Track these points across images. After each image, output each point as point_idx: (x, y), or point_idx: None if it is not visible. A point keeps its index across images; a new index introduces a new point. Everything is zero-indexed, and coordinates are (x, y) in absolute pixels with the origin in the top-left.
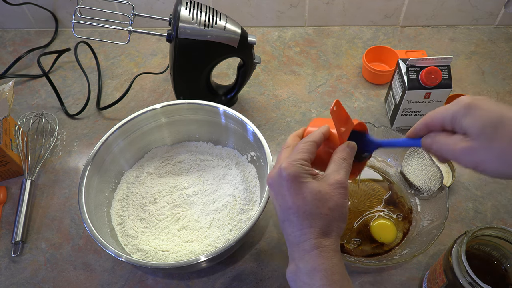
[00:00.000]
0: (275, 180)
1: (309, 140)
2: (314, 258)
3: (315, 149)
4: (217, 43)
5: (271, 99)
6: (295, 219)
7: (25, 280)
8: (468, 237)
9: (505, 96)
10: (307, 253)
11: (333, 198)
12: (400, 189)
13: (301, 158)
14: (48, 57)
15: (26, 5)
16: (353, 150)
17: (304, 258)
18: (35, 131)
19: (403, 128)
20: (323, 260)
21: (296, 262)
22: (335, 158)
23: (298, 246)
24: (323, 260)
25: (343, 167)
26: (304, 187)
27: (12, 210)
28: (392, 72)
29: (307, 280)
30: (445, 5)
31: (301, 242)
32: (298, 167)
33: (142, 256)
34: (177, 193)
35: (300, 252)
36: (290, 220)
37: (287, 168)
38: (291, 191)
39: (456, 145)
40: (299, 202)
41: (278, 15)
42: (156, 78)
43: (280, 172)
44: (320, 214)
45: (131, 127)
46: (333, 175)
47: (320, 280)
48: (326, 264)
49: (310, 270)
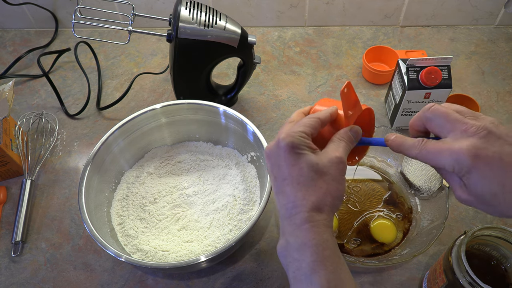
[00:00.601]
0: (272, 151)
1: (314, 116)
2: (305, 232)
3: (319, 126)
4: (217, 43)
5: (271, 99)
6: (288, 191)
7: (25, 280)
8: (468, 237)
9: (505, 96)
10: (298, 227)
11: (330, 172)
12: (400, 189)
13: (302, 130)
14: (48, 57)
15: (26, 5)
16: (356, 134)
17: (295, 232)
18: (35, 131)
19: (403, 128)
20: (314, 235)
21: (286, 236)
22: (335, 139)
23: (289, 219)
24: (314, 235)
25: (342, 146)
26: (302, 158)
27: (12, 210)
28: (392, 72)
29: (297, 256)
30: (445, 5)
31: (293, 215)
32: (297, 138)
33: (142, 256)
34: (177, 193)
35: (291, 226)
36: (283, 192)
37: (285, 138)
38: (288, 161)
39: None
40: (294, 173)
41: (278, 15)
42: (156, 78)
43: (278, 142)
44: (315, 186)
45: (131, 127)
46: (332, 151)
47: (311, 256)
48: (317, 239)
49: (300, 245)
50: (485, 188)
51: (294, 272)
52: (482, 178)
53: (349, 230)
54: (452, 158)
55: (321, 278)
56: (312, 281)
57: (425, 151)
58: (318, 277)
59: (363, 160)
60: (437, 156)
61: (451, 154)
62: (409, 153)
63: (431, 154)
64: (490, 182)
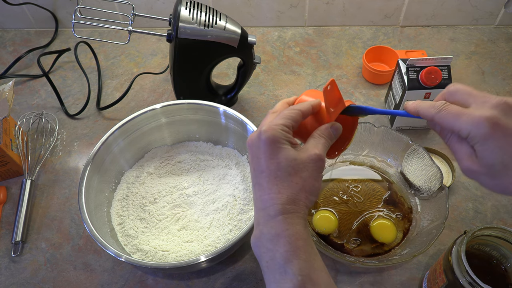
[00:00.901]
0: (254, 142)
1: (296, 108)
2: (278, 224)
3: (300, 118)
4: (217, 43)
5: (271, 99)
6: (265, 183)
7: (25, 280)
8: (468, 237)
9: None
10: (272, 218)
11: (307, 169)
12: (399, 189)
13: (283, 123)
14: (48, 57)
15: (26, 5)
16: (336, 131)
17: (269, 223)
18: (35, 131)
19: (403, 128)
20: (287, 226)
21: (260, 227)
22: (315, 135)
23: (264, 210)
24: (287, 226)
25: (321, 143)
26: (281, 152)
27: (12, 210)
28: (392, 72)
29: (270, 246)
30: (445, 5)
31: (267, 207)
32: (278, 132)
33: (142, 256)
34: (177, 193)
35: (265, 217)
36: (260, 184)
37: (266, 131)
38: (267, 154)
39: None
40: (272, 167)
41: (278, 15)
42: (156, 78)
43: (259, 134)
44: (291, 182)
45: (131, 127)
46: (312, 148)
47: (284, 246)
48: (290, 230)
49: (273, 236)
50: (498, 157)
51: (267, 261)
52: (496, 147)
53: (349, 230)
54: (471, 123)
55: (294, 267)
56: (286, 270)
57: (445, 111)
58: (292, 266)
59: (364, 160)
60: (456, 118)
61: (471, 119)
62: (426, 113)
63: (450, 115)
64: (503, 153)
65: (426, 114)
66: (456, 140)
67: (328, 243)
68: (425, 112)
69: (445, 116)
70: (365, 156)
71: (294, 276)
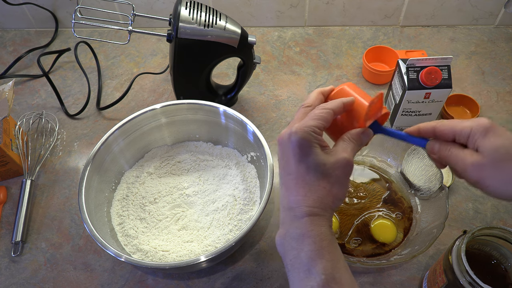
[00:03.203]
0: (284, 142)
1: (327, 108)
2: (304, 224)
3: (331, 118)
4: (217, 43)
5: (271, 99)
6: (292, 186)
7: (25, 280)
8: (468, 237)
9: (505, 96)
10: (298, 219)
11: (335, 173)
12: (399, 188)
13: (314, 125)
14: (48, 57)
15: (26, 5)
16: (367, 138)
17: (294, 223)
18: (35, 131)
19: (403, 128)
20: (312, 227)
21: (286, 227)
22: (346, 138)
23: (290, 211)
24: (312, 227)
25: (351, 147)
26: (310, 156)
27: (12, 210)
28: (392, 72)
29: (295, 245)
30: (445, 5)
31: (294, 208)
32: (309, 134)
33: (142, 256)
34: (177, 193)
35: (291, 218)
36: (287, 185)
37: (297, 133)
38: (296, 157)
39: (467, 158)
40: (301, 170)
41: (278, 15)
42: (156, 78)
43: (290, 135)
44: (319, 186)
45: (131, 127)
46: (341, 152)
47: (309, 246)
48: (316, 231)
49: (299, 235)
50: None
51: (291, 260)
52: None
53: (349, 230)
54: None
55: (318, 266)
56: (310, 269)
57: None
58: (315, 265)
59: (364, 160)
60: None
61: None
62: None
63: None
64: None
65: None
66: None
67: None
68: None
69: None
70: (365, 156)
71: (318, 275)
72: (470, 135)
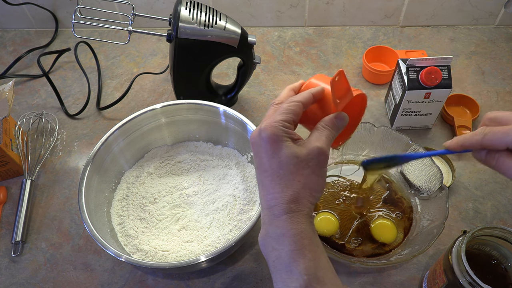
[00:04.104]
0: (255, 140)
1: (295, 100)
2: (283, 223)
3: (300, 109)
4: (217, 43)
5: (271, 99)
6: (268, 183)
7: (25, 280)
8: (468, 237)
9: (505, 96)
10: (277, 218)
11: (309, 165)
12: (399, 188)
13: (282, 119)
14: (48, 57)
15: (26, 5)
16: (342, 121)
17: (274, 222)
18: (35, 131)
19: (403, 128)
20: (292, 225)
21: (266, 226)
22: (319, 126)
23: (268, 210)
24: (292, 226)
25: (325, 135)
26: (282, 150)
27: (12, 210)
28: (392, 72)
29: (276, 246)
30: (445, 5)
31: (272, 207)
32: (278, 129)
33: (142, 256)
34: (177, 193)
35: (270, 217)
36: (263, 183)
37: (266, 129)
38: (268, 153)
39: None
40: (274, 165)
41: (278, 15)
42: (156, 78)
43: (260, 132)
44: (293, 180)
45: (131, 127)
46: (314, 141)
47: (289, 245)
48: (295, 229)
49: (279, 235)
50: None
51: (274, 261)
52: None
53: (349, 230)
54: None
55: (300, 266)
56: (291, 270)
57: (491, 132)
58: (297, 265)
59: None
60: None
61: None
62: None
63: (498, 133)
64: None
65: (472, 142)
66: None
67: (329, 244)
68: (471, 141)
69: (493, 135)
70: (365, 156)
71: (300, 275)
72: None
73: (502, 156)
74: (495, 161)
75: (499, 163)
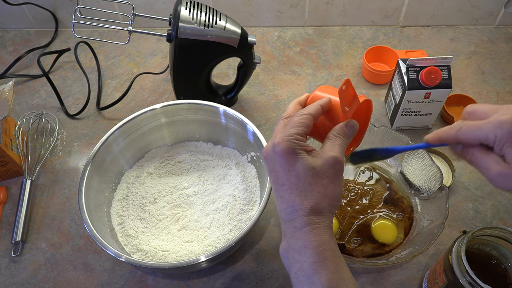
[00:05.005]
0: (269, 155)
1: (305, 113)
2: (305, 235)
3: (311, 122)
4: (217, 43)
5: (271, 99)
6: (287, 196)
7: (25, 280)
8: (468, 237)
9: (505, 96)
10: (298, 230)
11: (326, 175)
12: (399, 188)
13: (295, 132)
14: (48, 57)
15: (26, 5)
16: (352, 129)
17: (296, 235)
18: (35, 131)
19: (403, 128)
20: (314, 237)
21: (288, 239)
22: (331, 136)
23: (290, 223)
24: (314, 237)
25: (338, 144)
26: (298, 163)
27: (12, 210)
28: (392, 72)
29: (298, 257)
30: (445, 5)
31: (293, 219)
32: (292, 143)
33: (142, 256)
34: (177, 193)
35: (292, 229)
36: (282, 197)
37: (280, 144)
38: (284, 167)
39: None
40: (292, 179)
41: (278, 15)
42: (156, 78)
43: (273, 147)
44: (313, 191)
45: (131, 127)
46: (328, 151)
47: (312, 257)
48: (317, 241)
49: (301, 247)
50: None
51: (296, 273)
52: None
53: (349, 230)
54: (495, 125)
55: (322, 278)
56: (313, 281)
57: (466, 126)
58: (320, 277)
59: None
60: (479, 128)
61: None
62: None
63: (472, 127)
64: None
65: (447, 135)
66: (481, 152)
67: None
68: (446, 134)
69: (467, 129)
70: None
71: (323, 287)
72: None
73: (476, 151)
74: (469, 156)
75: (473, 158)
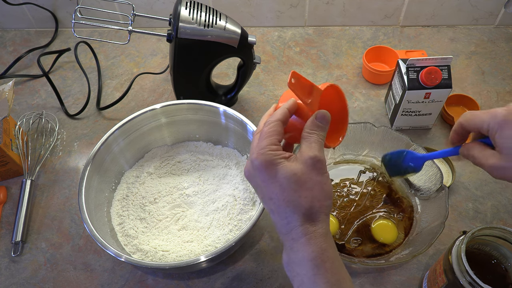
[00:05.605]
0: (250, 173)
1: (273, 120)
2: (303, 246)
3: (281, 127)
4: (217, 43)
5: (271, 99)
6: (277, 209)
7: (25, 280)
8: (468, 237)
9: (505, 96)
10: (296, 241)
11: (309, 177)
12: (399, 188)
13: (268, 143)
14: (48, 57)
15: (26, 5)
16: (323, 119)
17: (294, 247)
18: (35, 131)
19: (403, 128)
20: (311, 247)
21: (287, 251)
22: (304, 134)
23: (287, 235)
24: (312, 248)
25: (313, 141)
26: (278, 173)
27: (12, 210)
28: (392, 72)
29: (298, 270)
30: (445, 5)
31: (289, 232)
32: (267, 155)
33: (142, 256)
34: (177, 193)
35: (290, 242)
36: (273, 210)
37: (257, 159)
38: (267, 181)
39: (487, 160)
40: (276, 190)
41: (278, 15)
42: (156, 78)
43: (252, 164)
44: (300, 198)
45: (131, 127)
46: (305, 152)
47: (311, 270)
48: (315, 251)
49: (300, 260)
50: None
51: (298, 287)
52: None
53: (349, 230)
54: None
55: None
56: None
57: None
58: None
59: (364, 160)
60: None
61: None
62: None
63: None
64: None
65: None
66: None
67: None
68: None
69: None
70: (365, 156)
71: None
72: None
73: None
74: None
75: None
